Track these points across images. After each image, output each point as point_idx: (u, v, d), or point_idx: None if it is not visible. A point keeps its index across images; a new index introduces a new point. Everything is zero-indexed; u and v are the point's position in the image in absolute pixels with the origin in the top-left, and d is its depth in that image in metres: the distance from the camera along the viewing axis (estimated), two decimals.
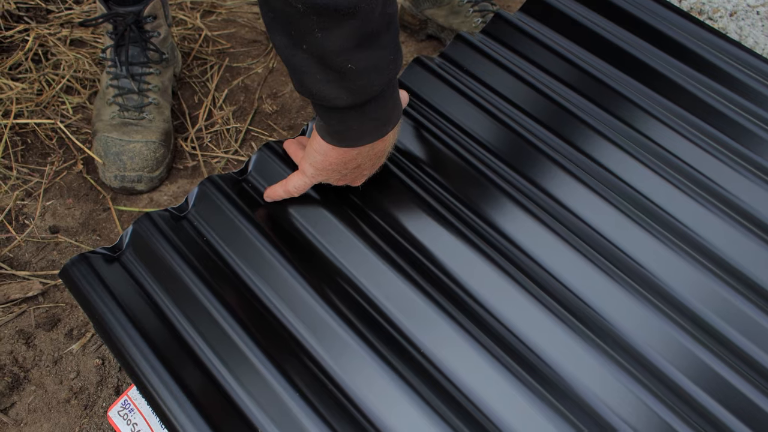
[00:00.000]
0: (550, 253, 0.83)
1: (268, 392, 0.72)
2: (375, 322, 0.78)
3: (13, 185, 1.08)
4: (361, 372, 0.73)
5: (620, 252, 0.83)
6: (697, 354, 0.74)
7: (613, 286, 0.79)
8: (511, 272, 0.80)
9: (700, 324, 0.77)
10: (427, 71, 1.03)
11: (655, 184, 0.89)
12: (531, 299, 0.78)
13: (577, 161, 0.92)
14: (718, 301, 0.79)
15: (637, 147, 0.93)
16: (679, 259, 0.81)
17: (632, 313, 0.78)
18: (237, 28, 1.39)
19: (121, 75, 1.13)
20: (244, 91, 1.27)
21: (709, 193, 0.88)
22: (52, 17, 1.28)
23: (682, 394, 0.72)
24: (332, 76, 0.65)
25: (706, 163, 0.92)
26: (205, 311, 0.78)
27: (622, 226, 0.85)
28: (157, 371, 0.74)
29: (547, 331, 0.76)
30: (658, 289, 0.80)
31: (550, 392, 0.72)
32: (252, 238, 0.83)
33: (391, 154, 0.92)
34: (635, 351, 0.76)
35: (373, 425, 0.70)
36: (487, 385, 0.72)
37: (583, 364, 0.74)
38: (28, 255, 1.00)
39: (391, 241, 0.84)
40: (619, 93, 0.98)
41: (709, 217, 0.86)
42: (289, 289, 0.79)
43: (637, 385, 0.72)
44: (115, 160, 1.07)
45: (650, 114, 0.95)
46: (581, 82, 1.01)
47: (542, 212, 0.86)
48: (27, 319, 0.93)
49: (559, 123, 0.96)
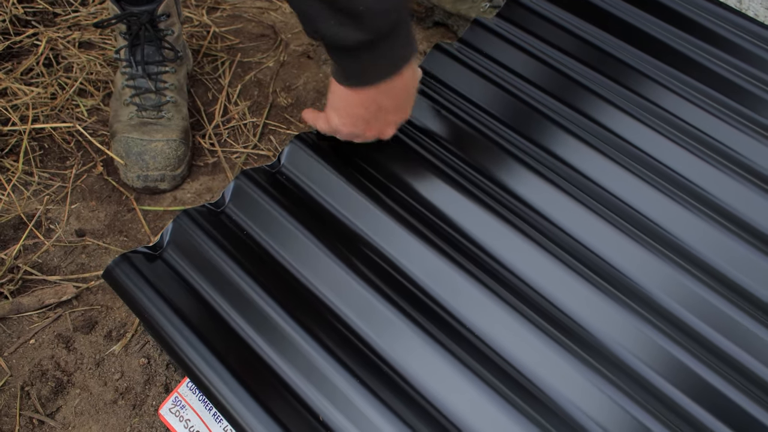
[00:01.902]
0: (568, 216, 0.85)
1: (324, 378, 0.72)
2: (420, 301, 0.78)
3: (36, 191, 1.07)
4: (413, 350, 0.74)
5: (634, 211, 0.87)
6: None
7: (630, 244, 0.81)
8: (531, 234, 0.83)
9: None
10: (448, 56, 1.03)
11: (664, 147, 0.92)
12: (551, 257, 0.81)
13: (590, 130, 0.94)
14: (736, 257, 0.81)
15: (647, 114, 0.95)
16: (690, 215, 0.84)
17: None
18: (244, 23, 1.39)
19: (137, 75, 1.12)
20: (258, 86, 1.27)
21: (718, 153, 0.92)
22: (59, 20, 1.27)
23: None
24: (343, 18, 0.67)
25: (712, 124, 0.95)
26: (253, 302, 0.78)
27: (629, 181, 0.88)
28: (211, 364, 0.74)
29: (572, 291, 0.79)
30: (676, 247, 0.83)
31: (588, 353, 0.73)
32: (292, 228, 0.83)
33: (412, 132, 0.93)
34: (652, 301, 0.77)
35: (447, 420, 0.71)
36: (515, 340, 0.75)
37: (611, 321, 0.75)
38: (56, 260, 1.00)
39: (417, 215, 0.86)
40: (629, 65, 1.00)
41: (719, 175, 0.89)
42: (335, 276, 0.80)
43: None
44: (137, 160, 1.06)
45: (657, 82, 0.98)
46: (591, 56, 1.03)
47: (558, 178, 0.89)
48: (64, 323, 0.92)
49: (572, 96, 0.99)
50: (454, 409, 0.71)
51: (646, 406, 0.71)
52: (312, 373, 0.73)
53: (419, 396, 0.72)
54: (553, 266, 0.80)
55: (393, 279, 0.81)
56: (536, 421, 0.69)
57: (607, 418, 0.70)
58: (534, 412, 0.71)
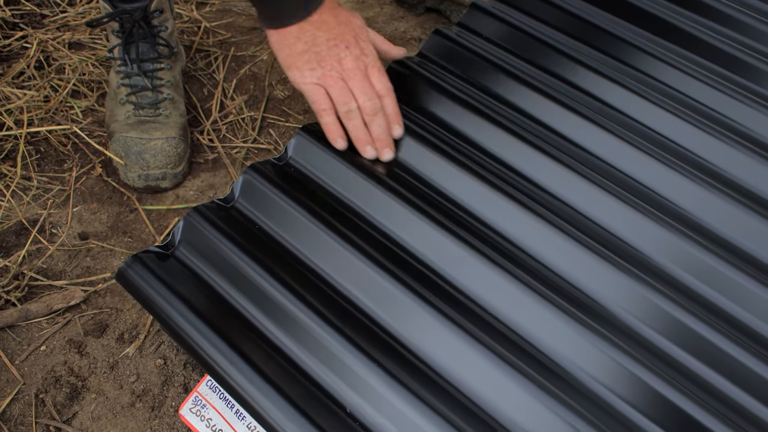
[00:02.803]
0: (570, 188, 0.86)
1: (348, 370, 0.71)
2: (439, 287, 0.78)
3: (35, 195, 1.05)
4: (433, 335, 0.73)
5: (628, 178, 0.88)
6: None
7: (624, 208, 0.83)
8: (534, 208, 0.83)
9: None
10: (448, 40, 1.02)
11: (657, 115, 0.93)
12: (553, 228, 0.81)
13: (591, 106, 0.95)
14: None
15: (641, 86, 0.96)
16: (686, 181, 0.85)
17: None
18: (234, 17, 1.37)
19: (133, 73, 1.10)
20: (253, 79, 1.25)
21: (711, 120, 0.93)
22: (48, 22, 1.25)
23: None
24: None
25: (706, 93, 0.96)
26: (270, 296, 0.77)
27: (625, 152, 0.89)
28: (233, 361, 0.73)
29: (580, 263, 0.79)
30: (671, 211, 0.84)
31: (595, 320, 0.74)
32: (305, 220, 0.82)
33: (417, 118, 0.92)
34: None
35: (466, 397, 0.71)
36: (520, 310, 0.76)
37: (612, 286, 0.76)
38: (61, 264, 0.98)
39: (426, 198, 0.86)
40: (617, 36, 1.02)
41: (713, 141, 0.90)
42: (351, 265, 0.79)
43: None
44: (137, 159, 1.05)
45: (653, 56, 0.99)
46: (584, 32, 1.04)
47: (562, 154, 0.89)
48: (74, 327, 0.91)
49: (567, 71, 0.99)
50: (484, 396, 0.71)
51: (654, 369, 0.71)
52: (336, 365, 0.72)
53: (448, 384, 0.72)
54: (557, 236, 0.81)
55: (410, 266, 0.80)
56: (546, 389, 0.69)
57: (626, 389, 0.70)
58: (543, 379, 0.71)
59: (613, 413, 0.69)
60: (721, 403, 0.70)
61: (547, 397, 0.69)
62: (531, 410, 0.69)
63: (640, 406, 0.69)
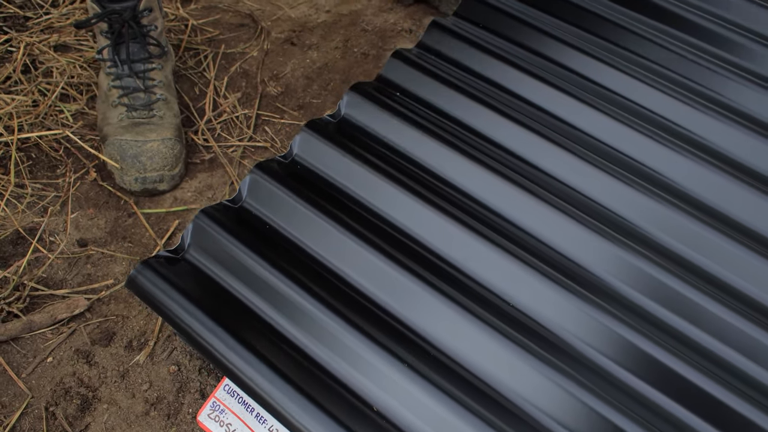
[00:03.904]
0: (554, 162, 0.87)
1: (371, 366, 0.71)
2: (457, 280, 0.78)
3: (30, 203, 1.03)
4: (452, 327, 0.73)
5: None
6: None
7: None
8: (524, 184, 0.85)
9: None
10: (445, 31, 1.01)
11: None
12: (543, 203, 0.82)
13: (569, 80, 0.96)
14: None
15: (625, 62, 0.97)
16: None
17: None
18: (221, 14, 1.35)
19: (124, 74, 1.08)
20: (245, 77, 1.24)
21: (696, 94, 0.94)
22: (31, 24, 1.21)
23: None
24: None
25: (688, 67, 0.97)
26: (285, 295, 0.76)
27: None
28: (252, 363, 0.72)
29: (570, 234, 0.80)
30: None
31: (601, 299, 0.75)
32: (315, 217, 0.81)
33: (420, 110, 0.92)
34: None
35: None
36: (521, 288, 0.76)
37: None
38: (61, 272, 0.96)
39: (432, 188, 0.86)
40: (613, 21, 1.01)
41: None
42: (364, 260, 0.78)
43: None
44: (133, 162, 1.03)
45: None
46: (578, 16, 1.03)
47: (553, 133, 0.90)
48: (80, 337, 0.89)
49: (552, 51, 1.00)
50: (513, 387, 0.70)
51: (639, 329, 0.73)
52: (358, 361, 0.71)
53: (471, 375, 0.71)
54: (553, 214, 0.82)
55: (422, 257, 0.79)
56: (543, 359, 0.71)
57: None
58: (537, 347, 0.72)
59: (602, 373, 0.71)
60: (702, 357, 0.72)
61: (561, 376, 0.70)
62: (547, 391, 0.70)
63: (624, 362, 0.71)
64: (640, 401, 0.69)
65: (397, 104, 0.93)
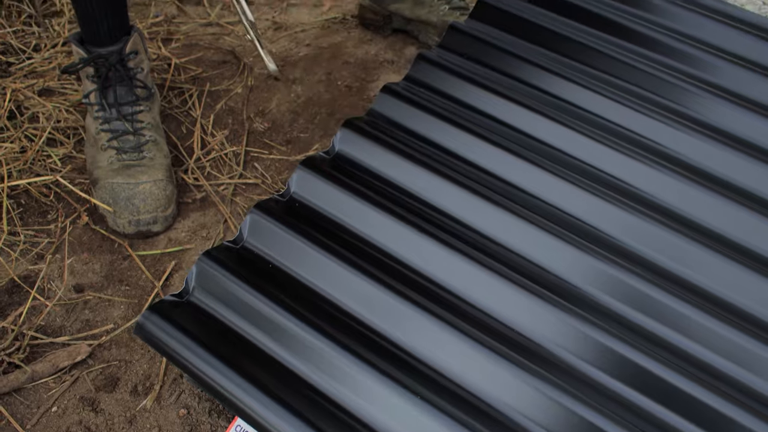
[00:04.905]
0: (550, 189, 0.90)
1: (383, 399, 0.72)
2: (458, 308, 0.79)
3: (23, 250, 1.02)
4: (464, 360, 0.74)
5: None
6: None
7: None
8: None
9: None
10: (431, 63, 1.04)
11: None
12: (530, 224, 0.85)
13: (552, 105, 0.99)
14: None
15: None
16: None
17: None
18: (202, 52, 1.36)
19: (112, 117, 1.08)
20: (231, 113, 1.25)
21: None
22: (14, 69, 1.21)
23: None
24: None
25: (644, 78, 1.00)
26: (293, 333, 0.77)
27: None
28: (266, 404, 0.72)
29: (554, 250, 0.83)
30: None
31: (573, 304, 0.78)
32: (318, 254, 0.82)
33: (412, 142, 0.94)
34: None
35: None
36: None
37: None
38: (59, 319, 0.95)
39: (432, 221, 0.88)
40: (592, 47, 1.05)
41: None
42: (369, 295, 0.80)
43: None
44: (127, 205, 1.03)
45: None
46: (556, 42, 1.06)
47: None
48: (84, 384, 0.88)
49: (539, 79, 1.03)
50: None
51: (614, 333, 0.76)
52: (370, 395, 0.72)
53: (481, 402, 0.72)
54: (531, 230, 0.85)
55: (424, 288, 0.81)
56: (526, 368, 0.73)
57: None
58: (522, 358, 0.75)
59: (581, 377, 0.74)
60: (678, 357, 0.75)
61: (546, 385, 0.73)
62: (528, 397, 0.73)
63: (600, 365, 0.75)
64: (619, 402, 0.72)
65: (390, 138, 0.94)
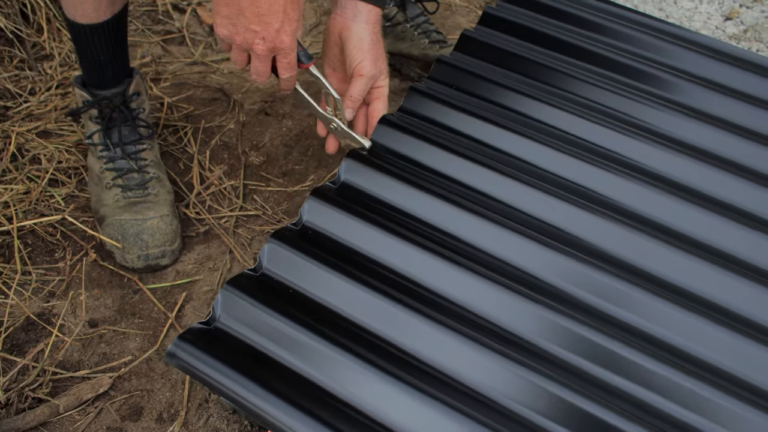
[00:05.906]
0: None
1: (415, 410, 0.76)
2: (474, 323, 0.84)
3: (35, 288, 1.05)
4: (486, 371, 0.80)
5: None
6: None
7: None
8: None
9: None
10: (421, 95, 1.10)
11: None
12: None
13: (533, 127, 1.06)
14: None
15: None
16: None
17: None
18: (192, 90, 1.40)
19: (117, 156, 1.12)
20: (226, 149, 1.29)
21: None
22: (12, 113, 1.24)
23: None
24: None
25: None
26: (320, 352, 0.81)
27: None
28: (296, 417, 0.76)
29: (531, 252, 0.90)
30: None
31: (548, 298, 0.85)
32: (335, 278, 0.87)
33: (415, 170, 0.99)
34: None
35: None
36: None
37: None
38: (76, 354, 0.98)
39: (442, 243, 0.93)
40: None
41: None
42: (385, 313, 0.84)
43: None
44: (135, 240, 1.06)
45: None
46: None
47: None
48: (109, 415, 0.91)
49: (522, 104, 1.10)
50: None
51: (582, 321, 0.83)
52: (406, 410, 0.77)
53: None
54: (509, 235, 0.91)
55: (435, 303, 0.86)
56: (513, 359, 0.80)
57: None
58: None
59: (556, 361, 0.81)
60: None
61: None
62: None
63: (570, 348, 0.82)
64: (586, 378, 0.79)
65: (390, 165, 1.00)
